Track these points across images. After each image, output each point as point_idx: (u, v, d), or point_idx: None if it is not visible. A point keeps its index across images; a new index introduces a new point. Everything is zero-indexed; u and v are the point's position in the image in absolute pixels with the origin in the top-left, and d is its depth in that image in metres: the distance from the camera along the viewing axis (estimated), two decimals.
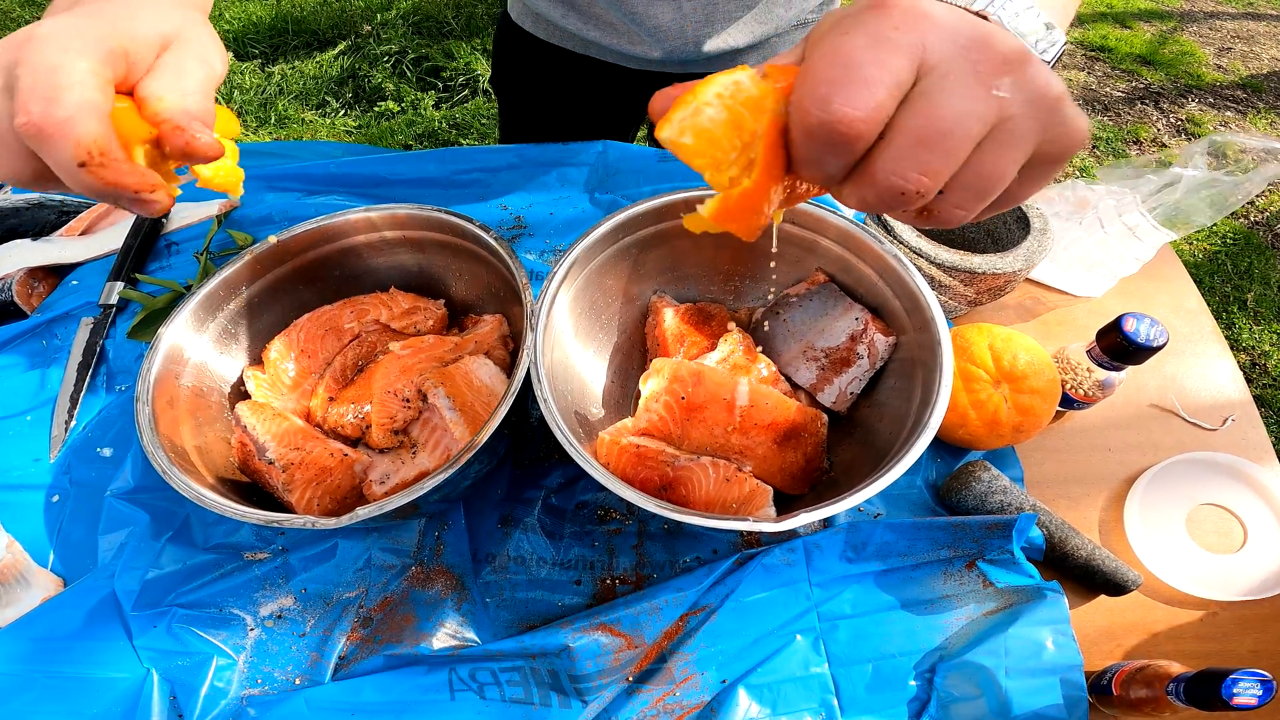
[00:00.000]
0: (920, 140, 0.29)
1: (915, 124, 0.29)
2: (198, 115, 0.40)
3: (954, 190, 0.32)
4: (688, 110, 0.32)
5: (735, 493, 0.59)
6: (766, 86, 0.32)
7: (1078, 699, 0.59)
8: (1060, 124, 0.31)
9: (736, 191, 0.32)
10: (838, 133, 0.29)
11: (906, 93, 0.30)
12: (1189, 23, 3.34)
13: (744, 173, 0.32)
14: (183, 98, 0.40)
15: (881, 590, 0.64)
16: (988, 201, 0.33)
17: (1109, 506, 0.72)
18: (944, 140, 0.29)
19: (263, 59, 2.57)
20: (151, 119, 0.40)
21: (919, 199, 0.31)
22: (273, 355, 0.68)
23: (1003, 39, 0.31)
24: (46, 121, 0.36)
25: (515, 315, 0.72)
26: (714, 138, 0.31)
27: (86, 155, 0.37)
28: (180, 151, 0.40)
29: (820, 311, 0.69)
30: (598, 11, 0.87)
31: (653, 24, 0.85)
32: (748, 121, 0.31)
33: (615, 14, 0.86)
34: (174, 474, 0.55)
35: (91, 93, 0.37)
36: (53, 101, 0.36)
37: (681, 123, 0.32)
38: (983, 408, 0.66)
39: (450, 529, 0.67)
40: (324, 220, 0.69)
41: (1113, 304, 0.86)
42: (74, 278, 0.85)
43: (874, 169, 0.30)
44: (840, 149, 0.30)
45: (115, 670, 0.60)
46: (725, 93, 0.31)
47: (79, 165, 0.37)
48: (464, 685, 0.59)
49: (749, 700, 0.59)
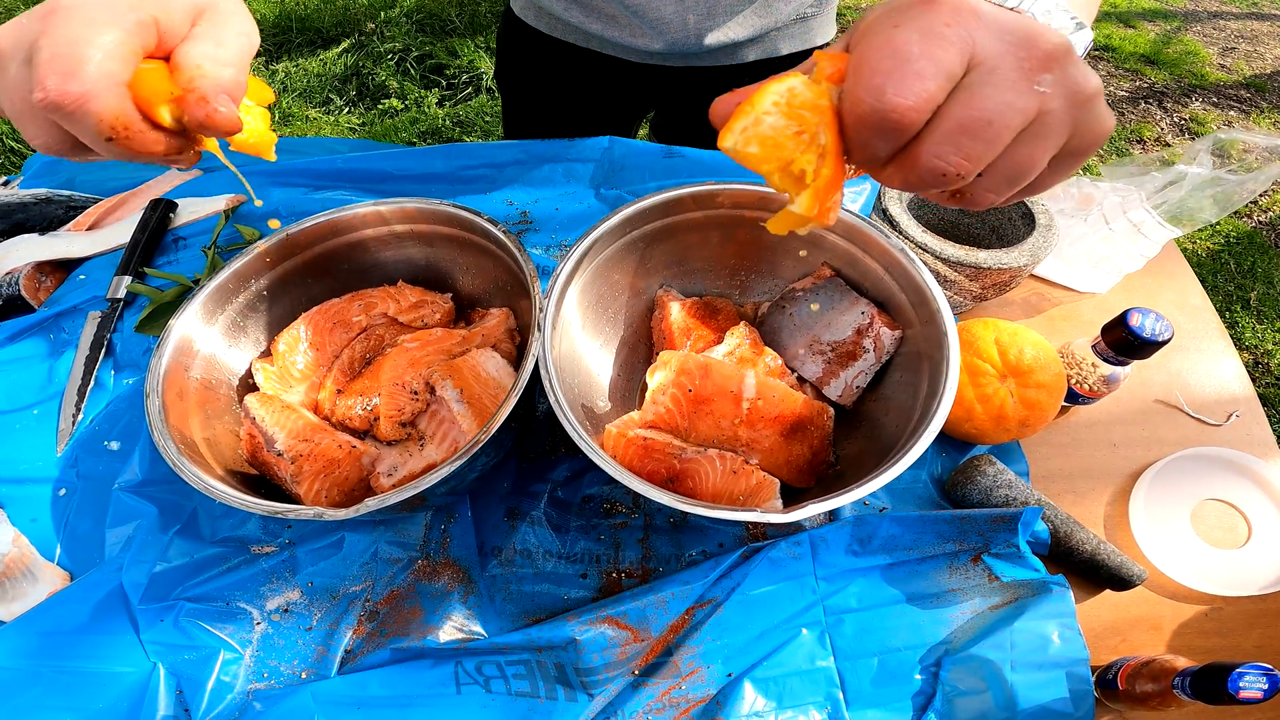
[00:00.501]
0: (964, 129, 0.31)
1: (961, 113, 0.31)
2: (229, 87, 0.40)
3: (989, 175, 0.34)
4: (748, 120, 0.33)
5: (742, 485, 0.59)
6: (819, 86, 0.33)
7: (1083, 693, 0.59)
8: (1091, 119, 0.33)
9: (821, 181, 0.34)
10: (890, 120, 0.30)
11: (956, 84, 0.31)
12: (1193, 22, 3.34)
13: (821, 162, 0.34)
14: (219, 68, 0.40)
15: (887, 584, 0.64)
16: (1018, 188, 0.35)
17: (1114, 501, 0.72)
18: (987, 130, 0.31)
19: (267, 57, 2.58)
20: (184, 86, 0.39)
21: (958, 181, 0.32)
22: (281, 348, 0.68)
23: (1046, 36, 0.32)
24: (63, 98, 0.36)
25: (522, 309, 0.72)
26: (777, 143, 0.33)
27: (110, 130, 0.37)
28: (198, 124, 0.39)
29: (826, 305, 0.69)
30: (600, 4, 0.88)
31: (655, 16, 0.85)
32: (809, 120, 0.33)
33: (617, 7, 0.86)
34: (184, 465, 0.55)
35: (111, 65, 0.37)
36: (69, 76, 0.36)
37: (744, 133, 0.33)
38: (988, 402, 0.67)
39: (456, 522, 0.67)
40: (333, 214, 0.69)
41: (1117, 300, 0.86)
42: (81, 272, 0.85)
43: (919, 152, 0.32)
44: (890, 135, 0.31)
45: (121, 664, 0.60)
46: (781, 100, 0.33)
47: (106, 140, 0.37)
48: (470, 678, 0.59)
49: (755, 694, 0.59)
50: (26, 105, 0.38)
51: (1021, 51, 0.31)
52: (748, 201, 0.69)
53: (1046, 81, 0.31)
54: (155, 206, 0.86)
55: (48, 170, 0.97)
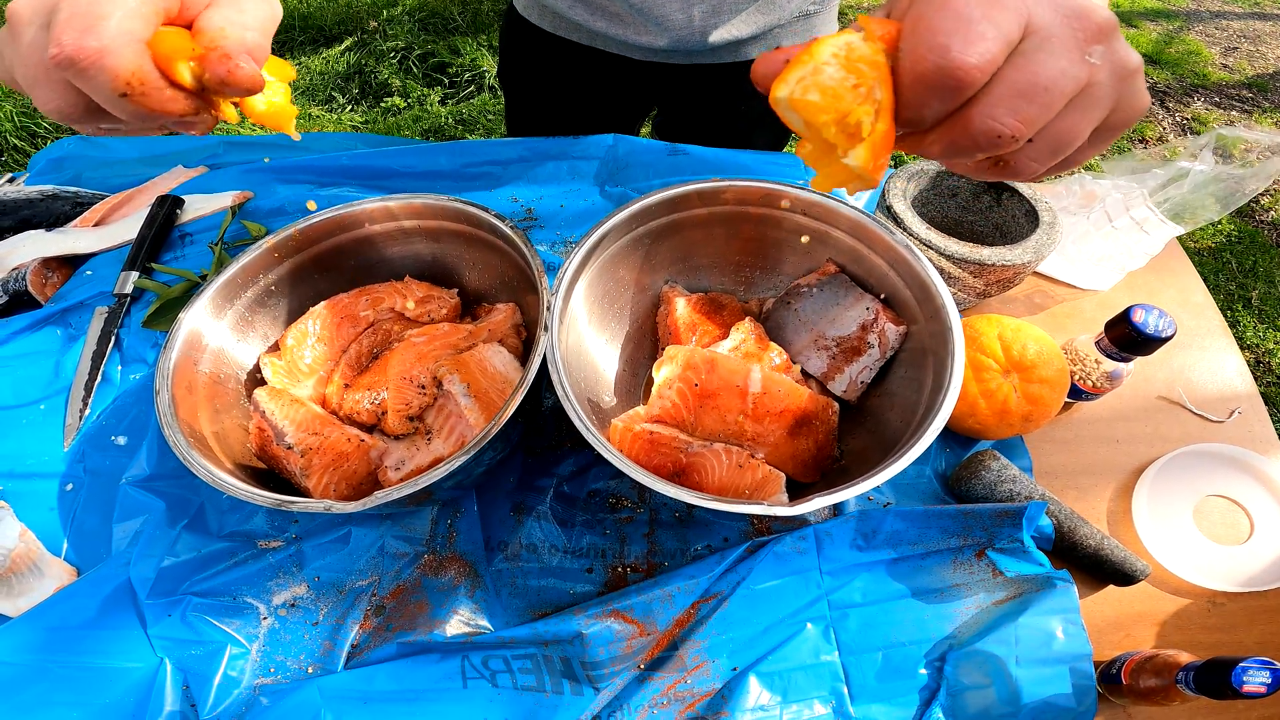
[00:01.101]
0: (1021, 92, 0.31)
1: (1018, 77, 0.31)
2: (251, 48, 0.39)
3: (1036, 143, 0.34)
4: (806, 69, 0.33)
5: (748, 479, 0.60)
6: (874, 44, 0.33)
7: (1087, 688, 0.59)
8: (1132, 94, 0.34)
9: (878, 136, 0.34)
10: (954, 78, 0.31)
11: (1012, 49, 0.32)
12: (1195, 22, 3.33)
13: (877, 117, 0.34)
14: (241, 30, 0.39)
15: (892, 579, 0.64)
16: (1060, 159, 0.36)
17: (1117, 497, 0.72)
18: (1043, 95, 0.31)
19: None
20: (206, 45, 0.39)
21: (1011, 144, 0.33)
22: (290, 342, 0.68)
23: (1097, 9, 0.33)
24: (80, 53, 0.35)
25: (528, 304, 0.72)
26: (837, 93, 0.33)
27: (126, 86, 0.36)
28: (219, 80, 0.38)
29: (831, 301, 0.69)
30: (605, 2, 0.88)
31: (660, 14, 0.86)
32: (867, 73, 0.33)
33: (622, 5, 0.87)
34: (193, 458, 0.55)
35: (130, 23, 0.36)
36: (87, 32, 0.35)
37: (802, 81, 0.33)
38: (992, 397, 0.67)
39: (463, 517, 0.67)
40: (341, 209, 0.70)
41: (1120, 297, 0.87)
42: (88, 268, 0.85)
43: (973, 114, 0.32)
44: (949, 93, 0.32)
45: (128, 659, 0.60)
46: (841, 52, 0.33)
47: (120, 96, 0.37)
48: (476, 673, 0.60)
49: (760, 688, 0.59)
50: (40, 68, 0.37)
51: (1075, 23, 0.32)
52: (753, 198, 0.69)
53: (1097, 53, 0.32)
54: (162, 203, 0.87)
55: (54, 167, 0.97)
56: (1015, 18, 0.31)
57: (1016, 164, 0.36)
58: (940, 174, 0.80)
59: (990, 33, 0.31)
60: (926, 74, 0.31)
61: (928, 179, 0.80)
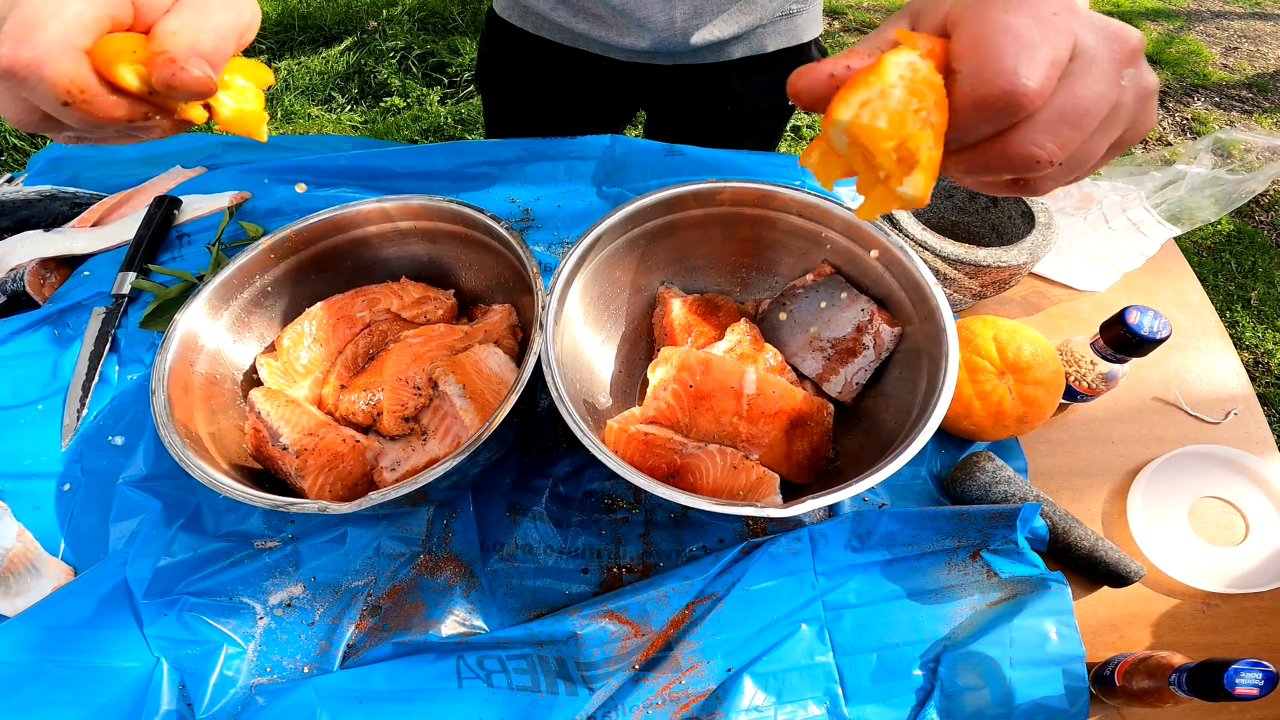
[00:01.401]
0: (1065, 117, 0.31)
1: (1066, 102, 0.31)
2: (206, 52, 0.38)
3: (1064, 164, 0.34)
4: (872, 92, 0.32)
5: (742, 480, 0.60)
6: (930, 63, 0.32)
7: (1080, 690, 0.59)
8: (1146, 113, 0.34)
9: (934, 160, 0.33)
10: (1015, 103, 0.30)
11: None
12: (1195, 22, 3.33)
13: (935, 143, 0.33)
14: (194, 33, 0.38)
15: (886, 580, 0.64)
16: (1074, 176, 0.35)
17: (1112, 498, 0.72)
18: (1084, 119, 0.31)
19: (269, 54, 2.58)
20: (154, 49, 0.37)
21: (1046, 168, 0.32)
22: (286, 343, 0.69)
23: (1130, 31, 0.33)
24: (15, 63, 0.35)
25: (524, 305, 0.72)
26: (903, 119, 0.32)
27: (67, 95, 0.36)
28: (165, 83, 0.37)
29: (827, 302, 0.69)
30: (587, 4, 0.88)
31: (641, 15, 0.86)
32: (927, 96, 0.32)
33: (604, 7, 0.86)
34: (189, 459, 0.55)
35: (67, 30, 0.36)
36: (22, 42, 0.35)
37: (868, 105, 0.32)
38: (987, 398, 0.67)
39: (458, 517, 0.67)
40: (337, 210, 0.70)
41: (1116, 298, 0.87)
42: (86, 268, 0.85)
43: (1016, 138, 0.32)
44: (1005, 117, 0.31)
45: (125, 659, 0.60)
46: (907, 74, 0.32)
47: (64, 104, 0.37)
48: (472, 673, 0.60)
49: (754, 689, 0.59)
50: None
51: (1115, 44, 0.32)
52: (748, 199, 0.69)
53: (1129, 76, 0.32)
54: (159, 203, 0.87)
55: (52, 167, 0.97)
56: (1067, 40, 0.31)
57: (1038, 184, 0.36)
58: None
59: (1049, 57, 0.30)
60: (989, 99, 0.31)
61: None
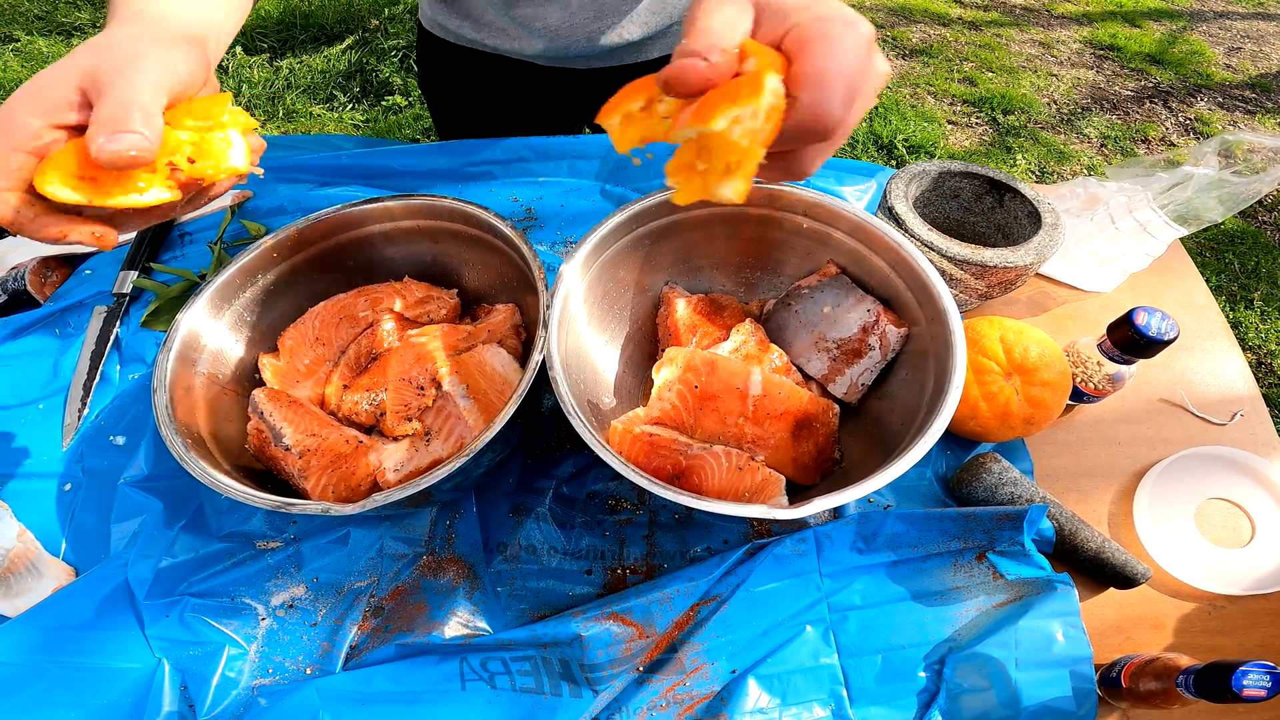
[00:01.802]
0: (846, 131, 0.38)
1: (852, 120, 0.37)
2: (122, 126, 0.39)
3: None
4: (745, 111, 0.35)
5: (748, 482, 0.59)
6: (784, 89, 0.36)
7: (1087, 691, 0.59)
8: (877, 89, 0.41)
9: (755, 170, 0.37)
10: (831, 132, 0.36)
11: None
12: (1199, 22, 3.33)
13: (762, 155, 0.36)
14: (108, 123, 0.39)
15: (892, 581, 0.64)
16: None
17: (1118, 500, 0.72)
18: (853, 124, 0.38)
19: (271, 53, 2.58)
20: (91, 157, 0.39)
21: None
22: (288, 343, 0.68)
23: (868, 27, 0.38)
24: None
25: (528, 305, 0.72)
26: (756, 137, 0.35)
27: (14, 227, 0.41)
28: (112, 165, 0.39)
29: (832, 303, 0.69)
30: (490, 19, 0.88)
31: (542, 25, 0.85)
32: (774, 118, 0.35)
33: (504, 20, 0.86)
34: (191, 460, 0.55)
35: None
36: None
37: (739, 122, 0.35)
38: (994, 399, 0.67)
39: (462, 518, 0.67)
40: (340, 209, 0.70)
41: (1122, 299, 0.86)
42: (87, 267, 0.85)
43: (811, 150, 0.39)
44: (815, 139, 0.36)
45: (126, 660, 0.60)
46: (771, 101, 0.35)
47: (16, 234, 0.42)
48: (475, 675, 0.59)
49: (759, 690, 0.59)
50: None
51: (879, 81, 0.38)
52: (754, 198, 0.69)
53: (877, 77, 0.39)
54: None
55: None
56: (875, 81, 0.37)
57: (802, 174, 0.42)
58: (942, 175, 0.80)
59: (865, 104, 0.37)
60: (816, 129, 0.35)
61: (929, 180, 0.80)
